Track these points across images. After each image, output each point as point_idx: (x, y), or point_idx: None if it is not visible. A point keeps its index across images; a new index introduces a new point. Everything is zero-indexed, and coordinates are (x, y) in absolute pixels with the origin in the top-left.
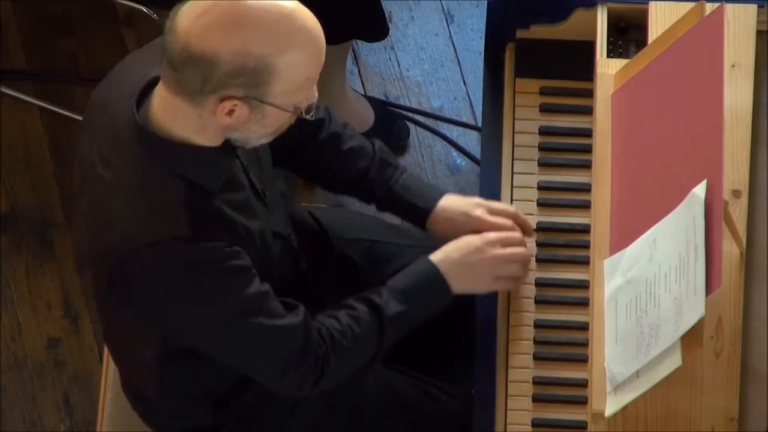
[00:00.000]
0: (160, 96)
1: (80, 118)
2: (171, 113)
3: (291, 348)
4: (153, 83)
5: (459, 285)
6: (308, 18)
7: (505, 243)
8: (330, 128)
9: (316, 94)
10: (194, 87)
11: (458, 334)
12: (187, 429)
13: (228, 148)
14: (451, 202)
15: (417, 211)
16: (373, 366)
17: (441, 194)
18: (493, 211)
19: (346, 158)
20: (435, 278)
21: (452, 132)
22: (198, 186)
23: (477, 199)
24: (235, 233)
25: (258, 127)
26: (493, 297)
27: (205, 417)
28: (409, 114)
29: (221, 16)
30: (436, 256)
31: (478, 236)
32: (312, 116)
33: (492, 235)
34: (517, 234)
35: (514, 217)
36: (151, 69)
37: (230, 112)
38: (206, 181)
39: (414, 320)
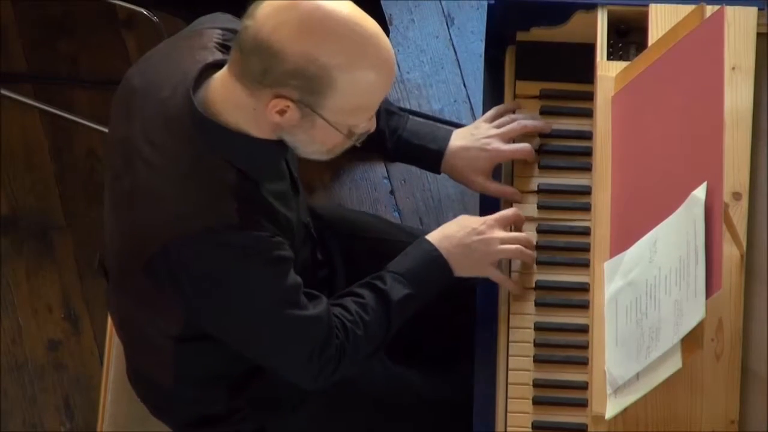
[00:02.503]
0: (221, 81)
1: (80, 120)
2: (228, 101)
3: (317, 338)
4: (208, 68)
5: (458, 266)
6: (384, 47)
7: (505, 222)
8: None
9: (374, 125)
10: (254, 76)
11: (460, 331)
12: (200, 417)
13: (281, 141)
14: (462, 141)
15: (430, 154)
16: (381, 357)
17: (449, 133)
18: (505, 137)
19: None
20: (435, 259)
21: None
22: (247, 175)
23: (485, 129)
24: (277, 223)
25: (305, 137)
26: (493, 298)
27: (220, 402)
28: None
29: (301, 15)
30: (434, 237)
31: (477, 218)
32: (359, 143)
33: (491, 217)
34: (512, 209)
35: (522, 130)
36: (200, 54)
37: (281, 112)
38: (257, 171)
39: (419, 301)
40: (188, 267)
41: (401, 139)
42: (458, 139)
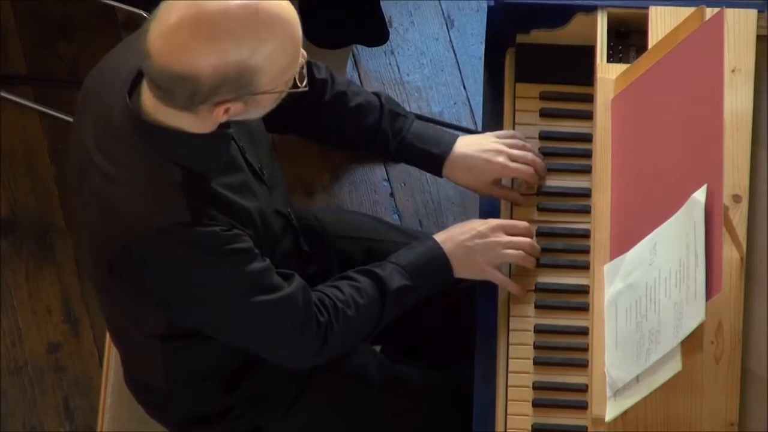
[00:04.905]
0: (149, 93)
1: None
2: (160, 108)
3: (293, 317)
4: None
5: (458, 267)
6: (276, 8)
7: (510, 230)
8: (335, 87)
9: (303, 60)
10: (185, 102)
11: (459, 331)
12: (196, 416)
13: (222, 134)
14: (467, 148)
15: (432, 158)
16: (377, 357)
17: (455, 138)
18: (513, 158)
19: (356, 115)
20: (438, 257)
21: None
22: (195, 172)
23: (493, 141)
24: (234, 216)
25: (254, 111)
26: (493, 301)
27: (214, 400)
28: None
29: (189, 32)
30: (439, 236)
31: (483, 221)
32: (306, 86)
33: (496, 222)
34: (523, 223)
35: (532, 163)
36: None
37: (227, 110)
38: (202, 167)
39: (415, 296)
40: (147, 267)
41: (404, 141)
42: (463, 146)
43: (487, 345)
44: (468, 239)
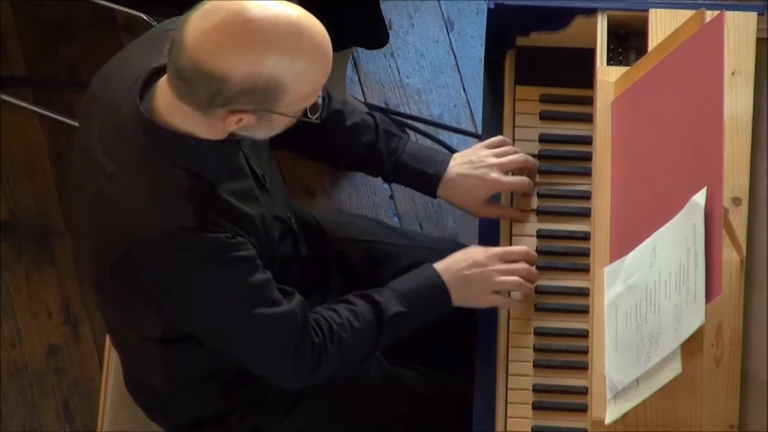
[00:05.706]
0: (164, 92)
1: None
2: (175, 110)
3: (289, 335)
4: (155, 73)
5: (457, 296)
6: (316, 30)
7: (509, 257)
8: (331, 106)
9: (321, 95)
10: (203, 101)
11: (461, 332)
12: (196, 419)
13: (232, 141)
14: (461, 167)
15: (427, 178)
16: (376, 359)
17: (449, 157)
18: (505, 167)
19: (351, 134)
20: (437, 285)
21: (452, 139)
22: (202, 177)
23: (483, 155)
24: (238, 223)
25: (263, 131)
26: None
27: (214, 402)
28: (409, 121)
29: (232, 35)
30: (439, 265)
31: (482, 250)
32: (317, 119)
33: (494, 250)
34: (521, 248)
35: (524, 163)
36: (152, 58)
37: (239, 121)
38: (210, 173)
39: (412, 323)
40: (148, 270)
41: (399, 161)
42: (456, 165)
43: (487, 348)
44: (465, 268)
